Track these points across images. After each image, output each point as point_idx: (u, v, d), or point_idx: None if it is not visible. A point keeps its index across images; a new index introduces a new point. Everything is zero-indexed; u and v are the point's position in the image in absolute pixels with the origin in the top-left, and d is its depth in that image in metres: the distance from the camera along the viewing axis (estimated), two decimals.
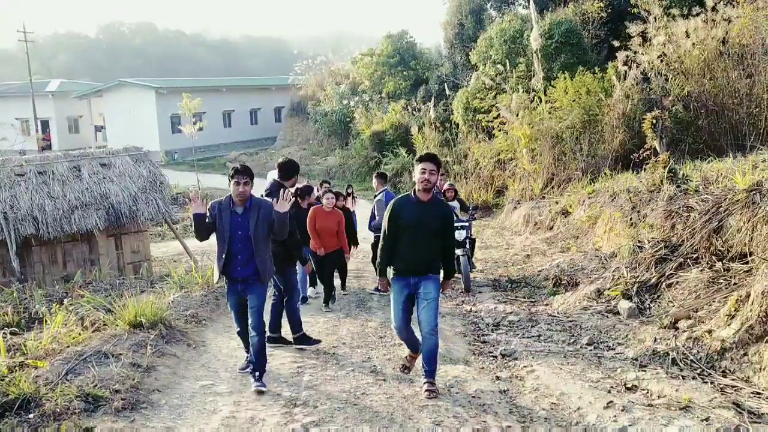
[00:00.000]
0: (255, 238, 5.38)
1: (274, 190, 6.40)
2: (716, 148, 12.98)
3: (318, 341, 6.65)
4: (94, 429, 4.46)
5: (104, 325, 6.94)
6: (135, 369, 5.46)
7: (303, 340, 6.60)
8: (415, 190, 5.15)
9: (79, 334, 6.49)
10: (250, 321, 5.44)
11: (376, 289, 8.97)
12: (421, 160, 5.15)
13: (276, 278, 6.52)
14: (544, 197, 15.84)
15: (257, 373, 5.35)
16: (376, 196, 9.75)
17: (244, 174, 5.37)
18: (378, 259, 5.35)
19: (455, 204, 10.07)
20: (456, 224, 6.94)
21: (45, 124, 41.87)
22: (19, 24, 37.21)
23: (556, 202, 14.47)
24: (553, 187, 16.08)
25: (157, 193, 13.29)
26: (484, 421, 4.54)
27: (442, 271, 5.34)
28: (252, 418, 4.77)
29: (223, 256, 5.38)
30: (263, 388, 5.28)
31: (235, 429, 4.55)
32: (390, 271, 5.24)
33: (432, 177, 5.03)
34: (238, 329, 5.77)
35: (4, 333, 6.69)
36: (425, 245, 5.12)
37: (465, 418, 4.58)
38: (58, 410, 4.55)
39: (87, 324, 7.04)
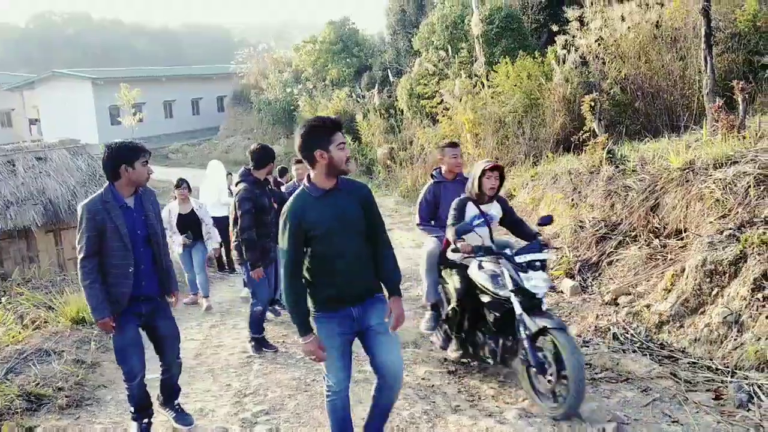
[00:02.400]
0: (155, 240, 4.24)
1: (245, 180, 5.93)
2: (652, 129, 13.37)
3: (275, 348, 6.15)
4: (37, 428, 4.36)
5: (45, 322, 6.78)
6: (79, 366, 5.36)
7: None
8: (309, 178, 3.55)
9: (19, 333, 6.32)
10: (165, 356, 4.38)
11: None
12: (335, 128, 3.54)
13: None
14: None
15: (178, 404, 4.51)
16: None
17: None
18: (289, 305, 3.53)
19: (493, 211, 5.15)
20: (518, 258, 4.53)
21: None
22: None
23: None
24: None
25: (96, 187, 12.90)
26: (434, 402, 4.62)
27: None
28: (201, 409, 4.74)
29: (130, 270, 4.06)
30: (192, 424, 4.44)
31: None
32: (311, 310, 3.58)
33: (348, 152, 3.57)
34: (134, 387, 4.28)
35: None
36: (358, 252, 3.56)
37: (415, 399, 4.65)
38: (0, 410, 4.43)
39: (27, 322, 6.86)
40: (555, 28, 16.25)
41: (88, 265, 4.00)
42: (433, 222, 5.77)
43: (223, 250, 10.09)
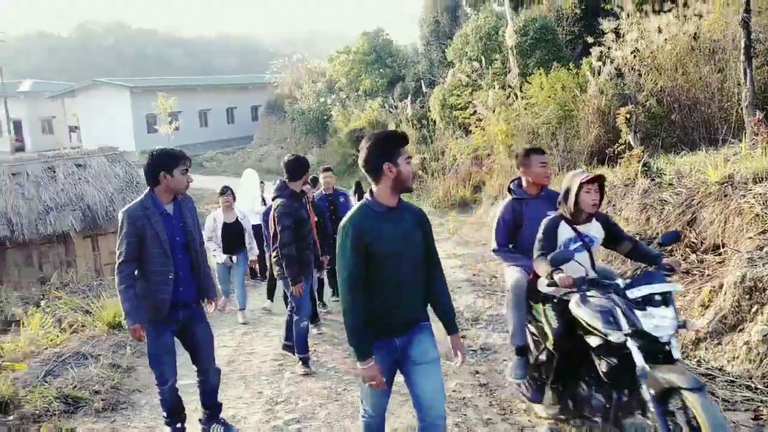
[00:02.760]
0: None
1: (282, 194, 5.76)
2: (689, 142, 13.17)
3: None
4: (75, 430, 4.44)
5: (82, 326, 6.91)
6: (115, 370, 5.45)
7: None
8: (372, 194, 3.30)
9: (57, 336, 6.45)
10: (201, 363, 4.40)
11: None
12: (404, 141, 3.32)
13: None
14: None
15: (223, 420, 4.53)
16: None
17: None
18: (350, 326, 3.23)
19: (594, 232, 4.20)
20: (632, 292, 3.49)
21: (17, 125, 41.26)
22: None
23: None
24: None
25: (133, 194, 13.16)
26: (465, 414, 4.60)
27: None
28: (234, 416, 4.78)
29: (170, 276, 4.09)
30: None
31: None
32: None
33: (411, 168, 3.28)
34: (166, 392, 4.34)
35: None
36: (413, 279, 3.30)
37: (446, 412, 4.62)
38: (38, 412, 4.53)
39: (65, 326, 7.00)
40: (590, 39, 16.14)
41: (126, 270, 4.03)
42: (511, 246, 4.80)
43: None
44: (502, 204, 4.94)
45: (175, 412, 4.36)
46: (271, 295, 8.67)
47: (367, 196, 3.30)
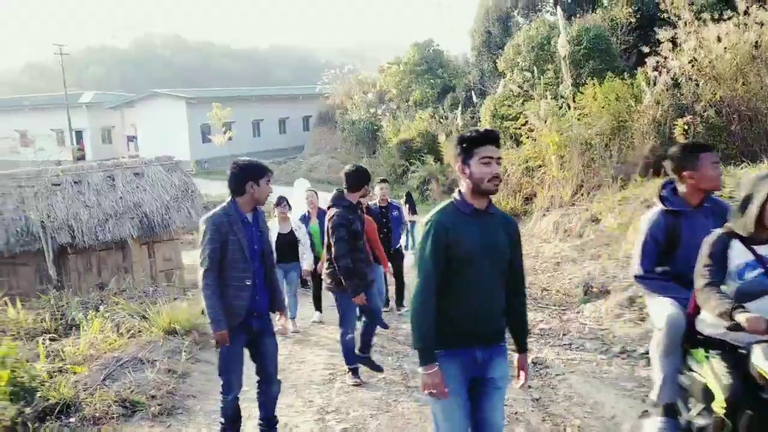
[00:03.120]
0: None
1: (338, 204, 5.66)
2: (749, 154, 12.80)
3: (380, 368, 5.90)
4: None
5: (139, 331, 7.08)
6: (170, 375, 5.56)
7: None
8: (460, 194, 3.10)
9: (115, 341, 6.63)
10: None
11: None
12: (478, 141, 3.03)
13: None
14: (573, 204, 15.72)
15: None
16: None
17: None
18: (417, 326, 3.00)
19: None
20: None
21: (79, 135, 42.73)
22: (54, 38, 38.63)
23: (586, 210, 14.35)
24: (582, 194, 15.95)
25: (188, 202, 13.48)
26: (517, 430, 4.54)
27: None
28: (285, 424, 4.82)
29: (248, 283, 4.18)
30: None
31: None
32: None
33: (500, 170, 3.06)
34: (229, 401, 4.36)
35: (43, 339, 6.84)
36: (495, 287, 3.07)
37: None
38: (97, 415, 4.66)
39: (122, 331, 7.18)
40: (646, 49, 15.84)
41: (210, 277, 4.06)
42: (660, 271, 3.75)
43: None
44: (650, 217, 3.85)
45: (233, 420, 4.42)
46: (318, 306, 8.67)
47: (455, 194, 3.13)
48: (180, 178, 13.88)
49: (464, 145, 3.06)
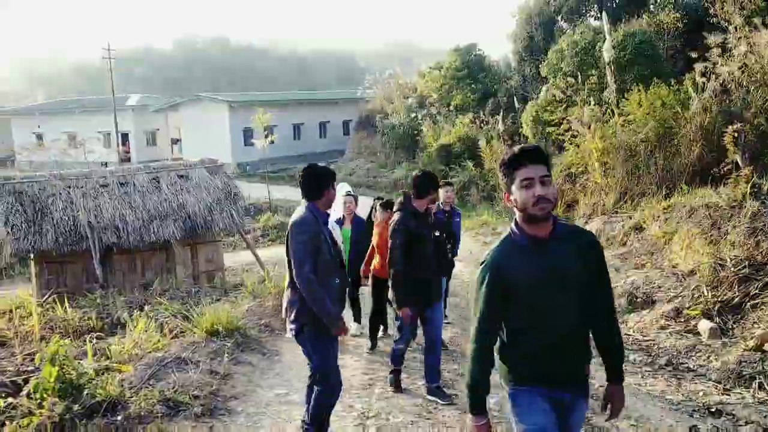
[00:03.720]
0: None
1: (402, 210, 5.46)
2: None
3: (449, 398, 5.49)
4: None
5: (182, 332, 7.18)
6: (213, 376, 5.62)
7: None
8: (517, 223, 2.80)
9: (159, 341, 6.74)
10: None
11: None
12: (514, 163, 2.74)
13: None
14: (616, 212, 15.47)
15: None
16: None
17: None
18: (469, 372, 2.85)
19: None
20: None
21: (124, 137, 43.68)
22: (102, 40, 39.59)
23: (630, 217, 14.10)
24: (626, 202, 15.68)
25: (231, 204, 13.63)
26: None
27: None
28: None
29: (337, 281, 4.49)
30: None
31: None
32: (509, 383, 2.90)
33: (550, 190, 2.69)
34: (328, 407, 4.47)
35: (90, 338, 6.99)
36: (569, 320, 2.78)
37: None
38: (143, 413, 4.74)
39: (166, 331, 7.30)
40: (694, 54, 15.51)
41: (316, 280, 4.17)
42: None
43: None
44: None
45: (321, 422, 4.44)
46: (358, 317, 8.14)
47: (511, 225, 2.86)
48: (223, 180, 14.05)
49: (504, 171, 2.78)
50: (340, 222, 8.60)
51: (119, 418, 4.67)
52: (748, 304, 6.68)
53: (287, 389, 5.75)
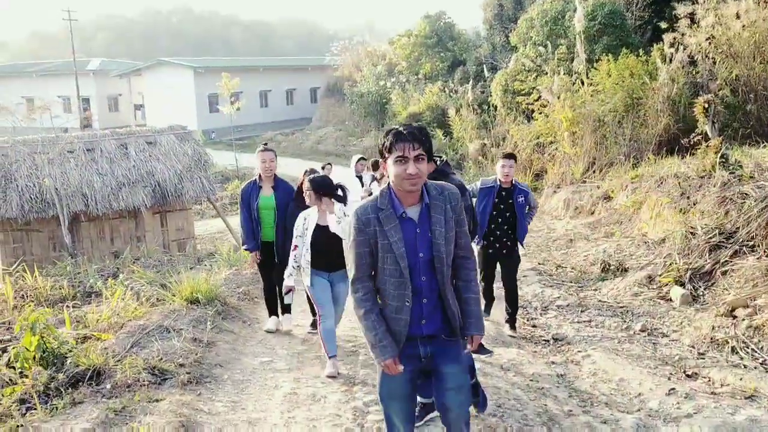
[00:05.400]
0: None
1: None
2: (765, 134, 12.73)
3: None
4: (162, 401, 4.60)
5: (158, 300, 7.12)
6: (196, 344, 5.60)
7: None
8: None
9: (136, 309, 6.66)
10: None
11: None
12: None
13: None
14: (584, 181, 15.69)
15: None
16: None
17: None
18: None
19: None
20: None
21: (86, 102, 42.50)
22: (64, 6, 38.27)
23: (598, 187, 14.33)
24: (594, 172, 15.90)
25: (201, 172, 13.46)
26: (545, 404, 4.58)
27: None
28: (314, 395, 4.87)
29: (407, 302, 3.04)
30: None
31: (300, 405, 4.66)
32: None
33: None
34: None
35: (67, 306, 6.88)
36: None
37: (526, 401, 4.62)
38: (129, 382, 4.70)
39: (143, 299, 7.22)
40: (663, 25, 15.65)
41: (361, 289, 3.11)
42: None
43: None
44: None
45: None
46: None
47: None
48: (193, 147, 13.84)
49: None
50: None
51: (108, 386, 4.63)
52: (719, 271, 6.88)
53: (271, 357, 5.76)
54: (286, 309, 6.71)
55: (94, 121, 40.72)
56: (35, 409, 4.33)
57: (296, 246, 5.44)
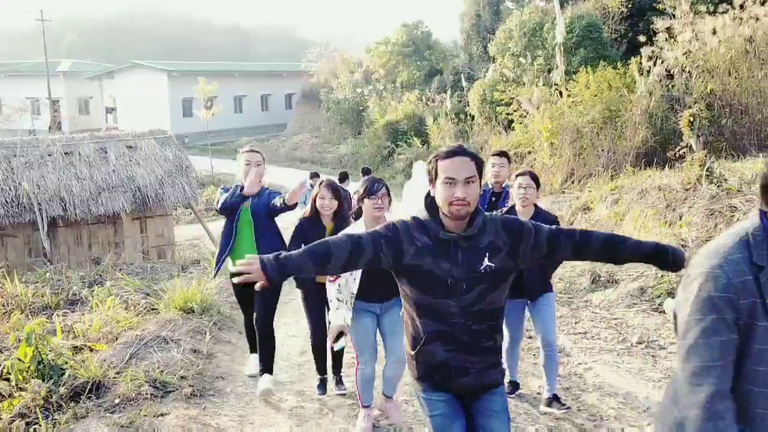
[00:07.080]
0: None
1: None
2: (739, 148, 13.02)
3: None
4: (167, 415, 4.50)
5: (150, 309, 6.98)
6: (196, 355, 5.50)
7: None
8: None
9: (126, 318, 6.52)
10: None
11: None
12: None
13: None
14: (563, 192, 15.85)
15: None
16: None
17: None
18: None
19: None
20: None
21: (55, 104, 41.69)
22: (33, 7, 37.36)
23: (577, 198, 14.47)
24: (572, 182, 16.09)
25: (183, 177, 13.25)
26: (556, 419, 4.57)
27: None
28: (320, 409, 4.81)
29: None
30: None
31: (308, 419, 4.59)
32: None
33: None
34: None
35: (57, 315, 6.71)
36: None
37: (536, 415, 4.62)
38: (132, 395, 4.59)
39: (131, 308, 7.08)
40: (642, 38, 15.93)
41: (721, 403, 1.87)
42: None
43: None
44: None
45: None
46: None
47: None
48: (174, 152, 13.63)
49: None
50: None
51: (117, 401, 4.51)
52: None
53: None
54: (337, 366, 5.25)
55: (63, 123, 40.02)
56: (37, 423, 4.20)
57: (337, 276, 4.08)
